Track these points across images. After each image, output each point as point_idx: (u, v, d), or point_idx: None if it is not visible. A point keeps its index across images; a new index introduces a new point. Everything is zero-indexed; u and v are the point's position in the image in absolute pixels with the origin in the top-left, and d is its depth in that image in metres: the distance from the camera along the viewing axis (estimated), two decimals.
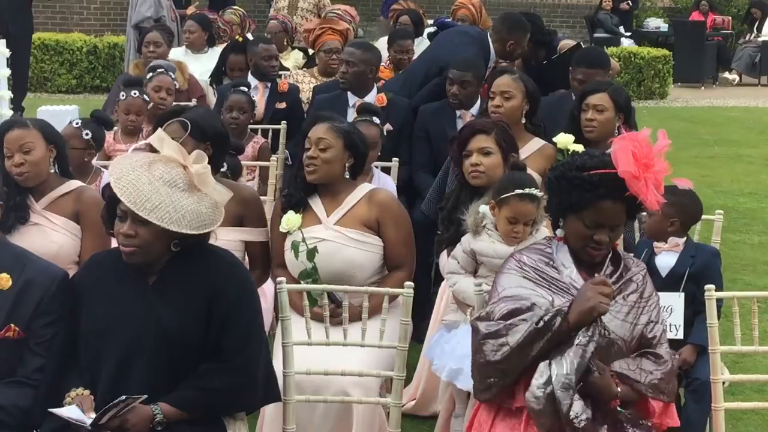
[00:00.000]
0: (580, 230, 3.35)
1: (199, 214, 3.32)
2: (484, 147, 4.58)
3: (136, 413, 3.17)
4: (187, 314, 3.32)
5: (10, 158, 4.19)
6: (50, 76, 15.23)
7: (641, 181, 3.25)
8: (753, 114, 15.43)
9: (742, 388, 4.59)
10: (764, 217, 9.17)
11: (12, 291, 3.33)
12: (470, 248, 4.28)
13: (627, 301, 3.39)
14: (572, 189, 3.33)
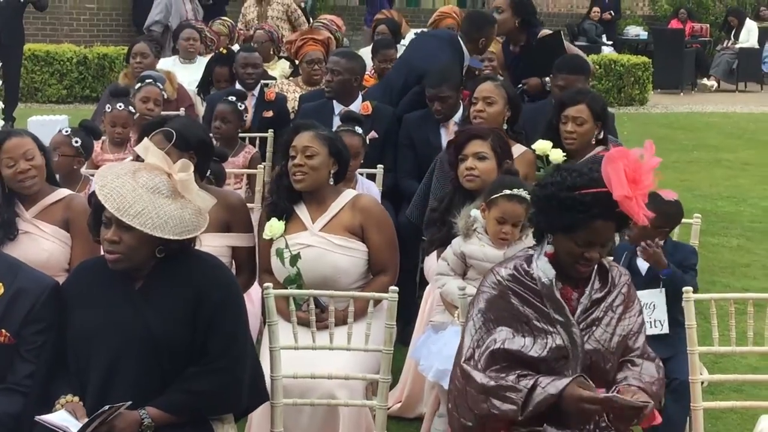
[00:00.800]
0: (571, 249, 3.30)
1: (183, 220, 3.31)
2: (480, 152, 4.61)
3: (123, 419, 3.16)
4: (173, 318, 3.31)
5: (12, 166, 4.18)
6: (41, 86, 15.20)
7: (633, 200, 3.23)
8: (731, 119, 15.49)
9: (721, 388, 4.60)
10: (742, 221, 9.20)
11: (3, 299, 3.32)
12: (460, 251, 4.29)
13: (615, 314, 3.37)
14: (565, 210, 3.26)
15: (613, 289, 3.41)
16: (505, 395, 3.22)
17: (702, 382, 3.80)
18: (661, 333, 4.30)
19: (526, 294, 3.34)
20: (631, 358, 3.39)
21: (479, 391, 3.28)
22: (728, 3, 21.22)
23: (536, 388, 3.19)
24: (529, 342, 3.30)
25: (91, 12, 18.32)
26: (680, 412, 4.25)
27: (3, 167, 4.19)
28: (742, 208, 9.67)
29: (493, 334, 3.34)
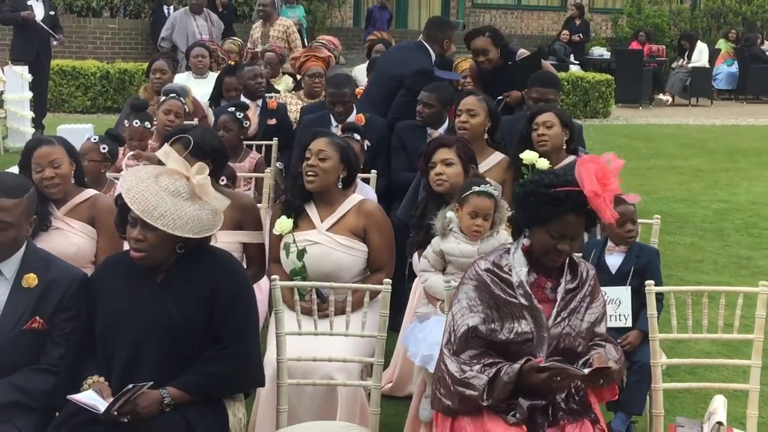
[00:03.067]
0: (545, 240, 3.36)
1: (201, 220, 3.31)
2: (447, 158, 4.64)
3: (146, 397, 3.16)
4: (191, 308, 3.31)
5: (40, 172, 4.16)
6: (67, 98, 15.17)
7: (601, 198, 3.30)
8: (684, 130, 15.53)
9: (678, 371, 4.61)
10: (695, 221, 9.23)
11: (38, 289, 3.32)
12: (439, 249, 4.30)
13: (583, 303, 3.44)
14: (541, 204, 3.34)
15: (583, 282, 3.47)
16: (470, 383, 3.31)
17: (662, 366, 3.81)
18: (625, 326, 4.32)
19: (500, 283, 3.40)
20: (597, 342, 3.46)
21: (452, 380, 3.36)
22: (682, 27, 21.29)
23: (497, 377, 3.27)
24: (498, 326, 3.37)
25: (113, 31, 18.31)
26: (641, 391, 4.27)
27: (33, 172, 4.18)
28: (695, 209, 9.70)
29: (467, 319, 3.40)
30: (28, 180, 3.57)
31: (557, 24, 21.27)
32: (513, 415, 3.26)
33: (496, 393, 3.26)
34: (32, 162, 4.19)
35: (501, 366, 3.29)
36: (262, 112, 7.43)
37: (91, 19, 18.34)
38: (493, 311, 3.38)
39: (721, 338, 3.82)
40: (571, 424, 3.26)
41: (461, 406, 3.34)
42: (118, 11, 18.83)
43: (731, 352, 3.87)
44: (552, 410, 3.30)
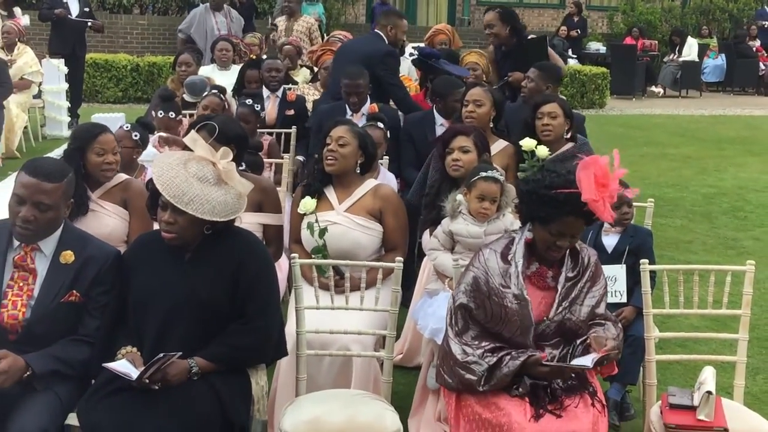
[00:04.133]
0: (546, 237, 3.36)
1: (227, 204, 3.30)
2: (464, 146, 4.61)
3: (175, 366, 3.16)
4: (217, 284, 3.31)
5: (102, 155, 4.18)
6: (100, 89, 15.22)
7: (600, 202, 3.25)
8: (675, 120, 15.48)
9: (669, 344, 4.60)
10: (684, 205, 9.21)
11: (75, 265, 3.32)
12: (449, 229, 4.29)
13: (584, 289, 3.43)
14: (542, 205, 3.33)
15: (584, 269, 3.46)
16: (469, 368, 3.33)
17: (655, 339, 3.80)
18: (620, 301, 4.32)
19: (501, 274, 3.40)
20: (597, 321, 3.45)
21: (454, 362, 3.37)
22: (673, 23, 21.18)
23: (497, 366, 3.28)
24: (489, 315, 3.38)
25: (143, 27, 18.33)
26: (635, 363, 4.27)
27: (92, 154, 4.17)
28: (685, 194, 9.68)
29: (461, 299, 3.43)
30: (67, 165, 3.55)
31: (556, 20, 21.16)
32: (516, 389, 3.26)
33: (495, 381, 3.27)
34: (95, 145, 4.18)
35: (503, 355, 3.29)
36: (281, 103, 7.40)
37: (122, 15, 18.38)
38: (485, 298, 3.39)
39: (710, 314, 3.82)
40: (570, 398, 3.27)
41: (461, 386, 3.35)
42: (147, 8, 18.84)
43: (719, 326, 3.86)
44: (551, 387, 3.30)
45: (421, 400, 4.39)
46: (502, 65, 7.12)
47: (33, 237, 3.30)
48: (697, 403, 3.45)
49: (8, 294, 3.27)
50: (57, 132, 11.93)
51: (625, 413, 4.47)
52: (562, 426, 3.15)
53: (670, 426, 3.43)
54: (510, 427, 3.16)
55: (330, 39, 9.70)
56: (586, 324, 3.41)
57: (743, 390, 3.76)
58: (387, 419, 3.44)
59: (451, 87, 6.20)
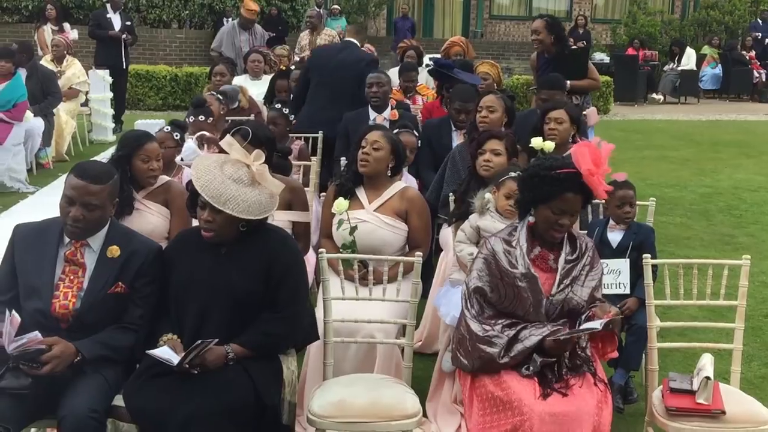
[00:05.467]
0: (548, 216, 3.37)
1: (260, 203, 3.32)
2: (496, 149, 4.61)
3: (212, 352, 3.18)
4: (251, 276, 3.32)
5: (147, 162, 4.22)
6: (142, 97, 15.30)
7: (595, 176, 3.30)
8: (674, 125, 15.38)
9: (669, 332, 4.57)
10: (684, 203, 9.15)
11: (120, 258, 3.34)
12: (476, 225, 4.29)
13: (583, 271, 3.45)
14: (544, 184, 3.36)
15: (582, 254, 3.48)
16: (491, 341, 3.34)
17: (656, 328, 3.78)
18: (624, 293, 4.30)
19: (507, 256, 3.42)
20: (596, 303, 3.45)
21: (475, 339, 3.37)
22: (672, 35, 21.05)
23: (516, 339, 3.29)
24: (503, 294, 3.40)
25: (181, 40, 18.44)
26: (638, 350, 4.26)
27: (138, 161, 4.21)
28: (684, 194, 9.62)
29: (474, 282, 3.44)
30: (113, 168, 3.58)
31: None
32: (527, 368, 3.26)
33: (514, 353, 3.28)
34: (141, 153, 4.21)
35: (520, 329, 3.30)
36: None
37: (162, 30, 18.49)
38: (497, 280, 3.40)
39: (708, 305, 3.80)
40: (574, 377, 3.27)
41: (479, 364, 3.34)
42: (184, 23, 18.94)
43: (717, 316, 3.84)
44: (558, 366, 3.30)
45: (438, 384, 4.39)
46: (544, 71, 7.09)
47: (82, 234, 3.32)
48: (696, 388, 3.43)
49: (60, 286, 3.29)
50: (102, 137, 12.01)
51: (628, 397, 4.46)
52: (568, 404, 3.15)
53: (671, 409, 3.42)
54: (520, 405, 3.16)
55: None
56: (587, 306, 3.42)
57: (739, 375, 3.74)
58: (407, 402, 3.44)
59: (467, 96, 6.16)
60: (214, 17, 18.66)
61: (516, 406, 3.17)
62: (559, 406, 3.14)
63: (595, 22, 21.93)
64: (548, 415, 3.11)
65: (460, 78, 6.84)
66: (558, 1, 22.73)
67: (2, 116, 8.89)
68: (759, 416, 3.40)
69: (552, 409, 3.13)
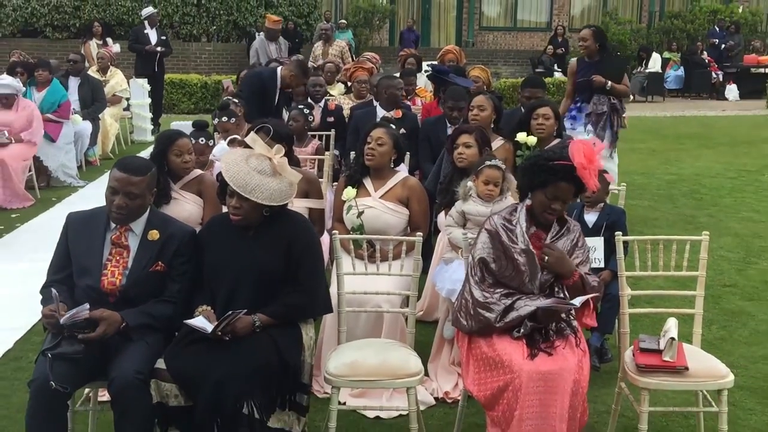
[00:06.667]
0: (543, 200, 3.37)
1: (282, 192, 3.32)
2: (467, 142, 4.62)
3: (242, 321, 3.19)
4: (274, 255, 3.32)
5: (180, 156, 4.22)
6: (177, 102, 15.34)
7: (587, 170, 3.29)
8: (642, 121, 15.31)
9: (639, 300, 4.57)
10: (651, 189, 9.15)
11: (159, 241, 3.35)
12: (461, 209, 4.30)
13: (570, 245, 3.44)
14: (542, 173, 3.36)
15: (568, 233, 3.47)
16: (489, 307, 3.32)
17: (627, 296, 3.78)
18: (599, 267, 4.30)
19: (507, 233, 3.41)
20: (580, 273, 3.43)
21: (475, 303, 3.35)
22: (640, 42, 20.93)
23: (512, 308, 3.28)
24: (504, 265, 3.38)
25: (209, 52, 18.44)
26: (611, 316, 4.27)
27: (172, 155, 4.22)
28: (651, 180, 9.62)
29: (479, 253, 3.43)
30: (150, 162, 3.58)
31: (544, 41, 20.97)
32: (517, 331, 3.27)
33: (509, 320, 3.27)
34: (174, 148, 4.22)
35: (516, 299, 3.30)
36: (323, 111, 7.41)
37: (192, 43, 18.50)
38: (500, 253, 3.39)
39: (673, 275, 3.79)
40: (558, 339, 3.27)
41: (477, 326, 3.34)
42: (212, 37, 18.92)
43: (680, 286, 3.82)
44: (545, 331, 3.30)
45: (438, 348, 4.41)
46: (585, 73, 7.14)
47: (126, 220, 3.33)
48: (662, 347, 3.44)
49: (107, 266, 3.30)
50: (142, 137, 12.04)
51: (604, 357, 4.47)
52: (553, 363, 3.15)
53: (640, 366, 3.42)
54: (510, 364, 3.17)
55: (360, 59, 9.69)
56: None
57: (700, 337, 3.74)
58: (411, 362, 3.46)
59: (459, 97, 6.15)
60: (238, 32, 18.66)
61: (507, 365, 3.18)
62: (544, 365, 3.14)
63: (573, 32, 21.74)
64: (535, 373, 3.12)
65: (454, 81, 6.83)
66: (540, 13, 22.61)
67: (52, 117, 8.92)
68: (717, 371, 3.41)
69: (538, 367, 3.13)
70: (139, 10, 15.85)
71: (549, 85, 14.87)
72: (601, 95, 7.02)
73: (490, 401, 3.23)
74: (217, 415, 3.08)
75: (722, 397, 3.37)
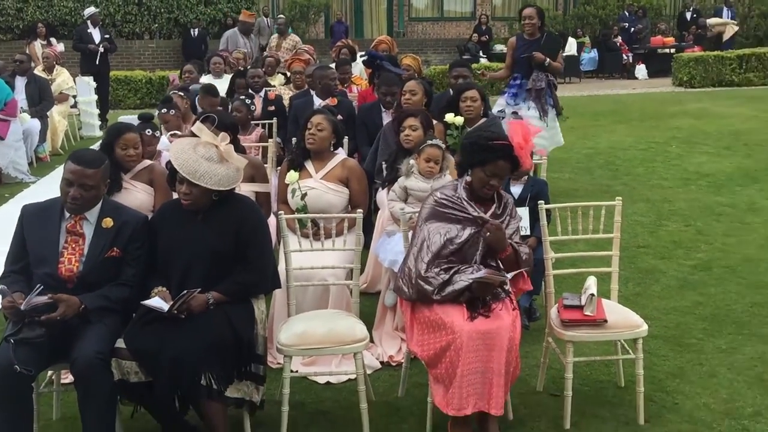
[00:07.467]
0: (482, 177, 3.40)
1: (229, 177, 3.30)
2: (413, 125, 4.67)
3: (196, 300, 3.17)
4: (224, 237, 3.31)
5: (125, 149, 4.15)
6: (122, 98, 14.99)
7: (524, 150, 3.35)
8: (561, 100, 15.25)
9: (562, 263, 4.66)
10: (571, 162, 9.32)
11: (114, 228, 3.30)
12: (404, 185, 4.35)
13: (506, 221, 3.49)
14: (482, 151, 3.38)
15: (505, 207, 3.53)
16: (428, 280, 3.34)
17: (551, 259, 3.88)
18: (526, 234, 4.39)
19: (450, 206, 3.44)
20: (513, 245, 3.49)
21: (416, 276, 3.38)
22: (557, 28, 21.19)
23: (448, 283, 3.31)
24: (447, 234, 3.40)
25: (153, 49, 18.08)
26: (538, 278, 4.31)
27: (118, 148, 4.15)
28: (570, 154, 9.77)
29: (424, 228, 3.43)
30: (104, 154, 3.53)
31: (469, 29, 21.12)
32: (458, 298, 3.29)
33: (445, 293, 3.29)
34: (120, 142, 4.14)
35: (452, 274, 3.31)
36: (264, 101, 7.36)
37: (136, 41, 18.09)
38: (444, 223, 3.42)
39: (591, 238, 3.90)
40: (495, 303, 3.32)
41: (417, 296, 3.37)
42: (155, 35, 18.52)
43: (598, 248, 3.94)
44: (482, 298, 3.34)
45: (381, 316, 4.45)
46: (524, 50, 7.27)
47: (80, 210, 3.28)
48: (584, 303, 3.53)
49: (64, 253, 3.25)
50: (91, 133, 11.77)
51: (533, 316, 4.58)
52: (490, 323, 3.21)
53: (564, 321, 3.52)
54: (452, 326, 3.22)
55: (297, 51, 9.64)
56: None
57: (617, 293, 3.86)
58: (357, 330, 3.49)
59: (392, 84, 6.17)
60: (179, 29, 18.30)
61: (449, 327, 3.22)
62: (483, 326, 3.20)
63: (495, 20, 22.00)
64: (475, 332, 3.18)
65: (388, 69, 6.86)
66: (464, 3, 22.71)
67: None
68: (633, 322, 3.54)
69: (478, 327, 3.19)
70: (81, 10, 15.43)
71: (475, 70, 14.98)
72: (540, 71, 7.16)
73: (433, 360, 3.29)
74: (176, 388, 3.08)
75: (638, 345, 3.50)
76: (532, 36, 7.27)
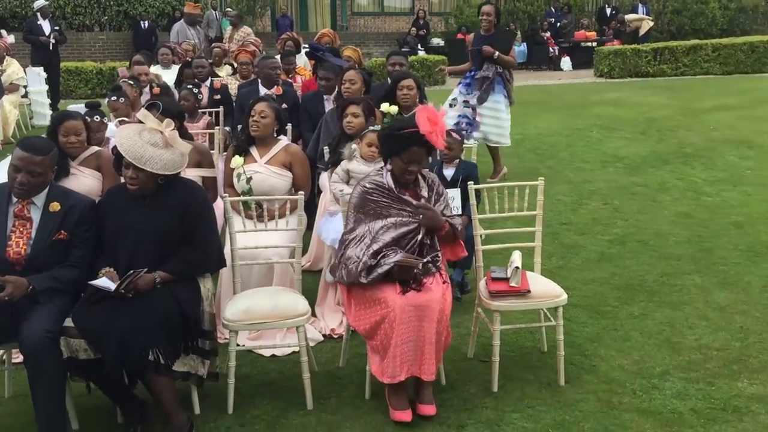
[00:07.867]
0: (401, 165, 3.39)
1: (174, 161, 3.24)
2: (355, 112, 4.65)
3: (143, 279, 3.12)
4: (170, 219, 3.25)
5: (66, 137, 4.02)
6: (73, 88, 14.51)
7: (433, 133, 3.32)
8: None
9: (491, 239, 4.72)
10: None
11: (61, 212, 3.22)
12: (346, 168, 4.36)
13: (434, 200, 3.50)
14: (395, 141, 3.37)
15: (430, 187, 3.53)
16: (357, 264, 3.32)
17: (481, 236, 3.93)
18: (457, 213, 4.41)
19: (378, 192, 3.43)
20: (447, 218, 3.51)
21: (347, 260, 3.38)
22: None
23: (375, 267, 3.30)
24: (375, 220, 3.40)
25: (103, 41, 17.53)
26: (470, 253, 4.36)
27: (60, 135, 4.03)
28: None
29: (352, 214, 3.41)
30: (52, 142, 3.42)
31: (408, 24, 21.11)
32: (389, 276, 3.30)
33: (372, 276, 3.28)
34: (62, 129, 4.01)
35: (380, 258, 3.30)
36: (210, 90, 7.24)
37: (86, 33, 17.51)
38: (372, 209, 3.41)
39: (517, 216, 3.95)
40: (426, 278, 3.33)
41: (347, 280, 3.36)
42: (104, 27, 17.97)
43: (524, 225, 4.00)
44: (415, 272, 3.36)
45: (323, 292, 4.45)
46: (479, 45, 7.33)
47: (27, 195, 3.18)
48: (509, 276, 3.60)
49: (12, 237, 3.15)
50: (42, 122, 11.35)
51: (464, 289, 4.64)
52: (421, 297, 3.24)
53: (492, 292, 3.58)
54: (386, 300, 3.24)
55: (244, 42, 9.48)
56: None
57: (540, 266, 3.93)
58: (299, 304, 3.49)
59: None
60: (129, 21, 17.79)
61: (383, 301, 3.24)
62: (415, 299, 3.23)
63: (433, 15, 22.06)
64: (407, 305, 3.20)
65: (330, 60, 6.81)
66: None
67: None
68: (554, 292, 3.62)
69: (410, 301, 3.22)
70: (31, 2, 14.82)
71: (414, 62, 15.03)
72: (490, 64, 7.24)
73: (369, 333, 3.31)
74: (124, 364, 3.02)
75: (559, 313, 3.58)
76: (488, 32, 7.35)
